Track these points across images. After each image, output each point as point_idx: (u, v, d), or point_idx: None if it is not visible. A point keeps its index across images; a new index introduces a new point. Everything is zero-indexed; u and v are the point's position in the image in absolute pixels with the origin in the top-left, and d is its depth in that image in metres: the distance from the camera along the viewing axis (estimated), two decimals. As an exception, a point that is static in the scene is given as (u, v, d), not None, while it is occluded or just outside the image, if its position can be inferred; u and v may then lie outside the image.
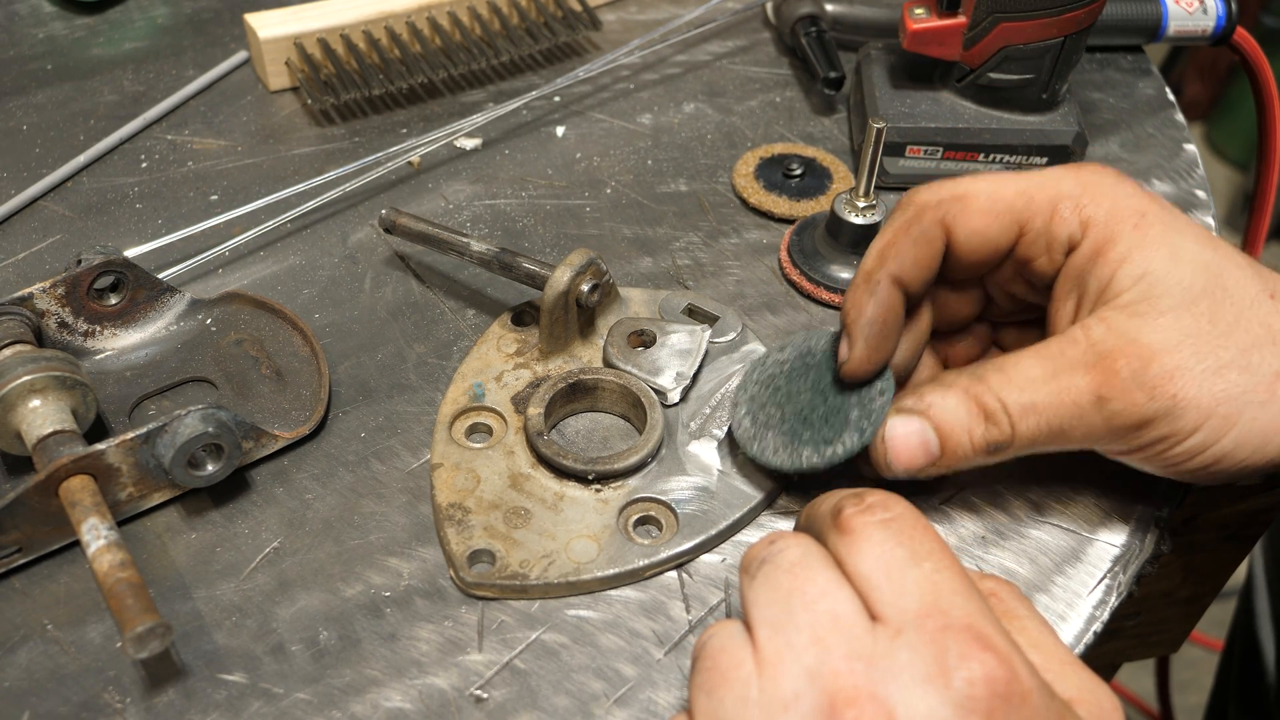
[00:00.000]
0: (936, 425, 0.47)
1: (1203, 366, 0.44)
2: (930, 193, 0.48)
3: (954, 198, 0.48)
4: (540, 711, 0.45)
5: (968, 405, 0.46)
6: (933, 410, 0.47)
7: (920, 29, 0.65)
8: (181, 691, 0.46)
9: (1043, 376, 0.46)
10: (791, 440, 0.50)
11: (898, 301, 0.48)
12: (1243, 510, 0.61)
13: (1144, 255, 0.46)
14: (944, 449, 0.47)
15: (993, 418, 0.46)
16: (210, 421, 0.49)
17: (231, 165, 0.70)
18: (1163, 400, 0.44)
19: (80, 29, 0.80)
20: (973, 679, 0.34)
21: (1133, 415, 0.45)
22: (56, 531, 0.49)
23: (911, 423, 0.47)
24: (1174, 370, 0.44)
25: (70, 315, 0.56)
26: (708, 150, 0.72)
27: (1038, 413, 0.45)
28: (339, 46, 0.74)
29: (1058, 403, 0.45)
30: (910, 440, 0.47)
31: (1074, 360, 0.45)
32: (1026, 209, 0.48)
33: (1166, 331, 0.45)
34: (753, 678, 0.37)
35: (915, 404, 0.47)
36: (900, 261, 0.47)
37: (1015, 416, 0.46)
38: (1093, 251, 0.47)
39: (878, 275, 0.47)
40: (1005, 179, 0.48)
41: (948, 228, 0.48)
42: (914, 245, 0.48)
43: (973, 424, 0.46)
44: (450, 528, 0.50)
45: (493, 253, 0.58)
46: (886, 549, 0.38)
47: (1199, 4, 0.75)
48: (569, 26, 0.77)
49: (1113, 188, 0.47)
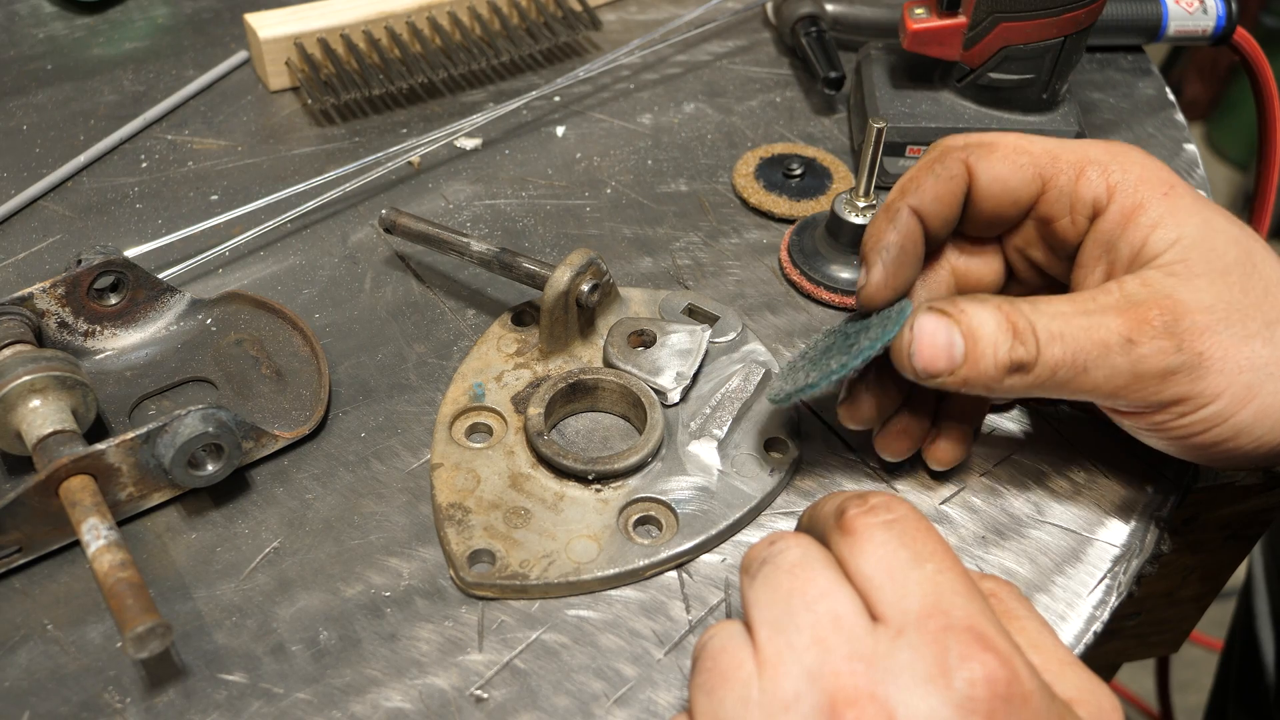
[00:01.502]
0: (965, 330, 0.46)
1: (1231, 332, 0.45)
2: (957, 138, 0.49)
3: (980, 143, 0.49)
4: (540, 711, 0.45)
5: (998, 319, 0.46)
6: (964, 315, 0.46)
7: (920, 29, 0.65)
8: (181, 691, 0.46)
9: (1074, 312, 0.45)
10: (819, 365, 0.49)
11: (917, 231, 0.49)
12: (1243, 510, 0.61)
13: (1177, 222, 0.46)
14: (968, 356, 0.45)
15: (1021, 336, 0.45)
16: (210, 421, 0.49)
17: (231, 165, 0.70)
18: (1189, 354, 0.44)
19: (80, 29, 0.80)
20: (974, 679, 0.34)
21: (1158, 362, 0.45)
22: (56, 531, 0.49)
23: (941, 321, 0.46)
24: (1204, 328, 0.44)
25: (70, 315, 0.56)
26: (708, 150, 0.72)
27: (1064, 342, 0.45)
28: (339, 46, 0.74)
29: (1086, 337, 0.45)
30: (937, 338, 0.46)
31: (1106, 305, 0.45)
32: (1052, 165, 0.48)
33: (1201, 293, 0.45)
34: (753, 678, 0.37)
35: (948, 306, 0.47)
36: (921, 194, 0.48)
37: (1042, 340, 0.45)
38: (1121, 216, 0.47)
39: (898, 204, 0.48)
40: (1033, 138, 0.49)
41: (971, 169, 0.49)
42: (936, 181, 0.48)
43: (1000, 337, 0.45)
44: (450, 528, 0.50)
45: (493, 253, 0.58)
46: (889, 550, 0.38)
47: (1199, 4, 0.75)
48: (569, 26, 0.77)
49: (1141, 159, 0.48)
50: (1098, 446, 0.55)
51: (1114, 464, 0.54)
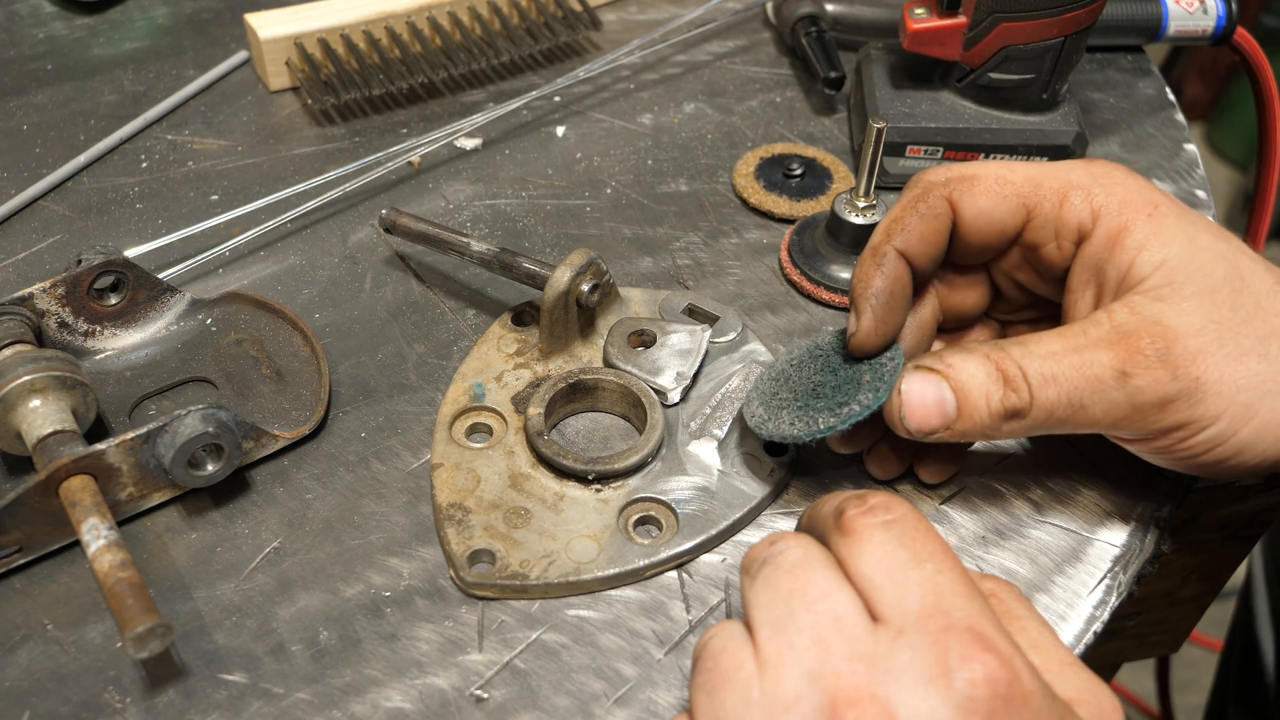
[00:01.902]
0: (955, 385, 0.46)
1: (1224, 352, 0.44)
2: (938, 172, 0.49)
3: (962, 178, 0.48)
4: (540, 711, 0.45)
5: (987, 368, 0.45)
6: (952, 370, 0.46)
7: (920, 29, 0.65)
8: (181, 691, 0.46)
9: (1064, 350, 0.45)
10: (806, 411, 0.49)
11: (905, 275, 0.48)
12: (1243, 510, 0.61)
13: (1161, 243, 0.46)
14: (960, 410, 0.46)
15: (1012, 383, 0.45)
16: (210, 421, 0.49)
17: (231, 165, 0.70)
18: (1185, 381, 0.44)
19: (80, 29, 0.80)
20: (974, 680, 0.34)
21: (1155, 392, 0.44)
22: (56, 531, 0.49)
23: (930, 380, 0.46)
24: (1197, 352, 0.44)
25: (70, 315, 0.56)
26: (708, 150, 0.72)
27: (1058, 384, 0.45)
28: (339, 46, 0.74)
29: (1079, 376, 0.45)
30: (926, 397, 0.46)
31: (1096, 338, 0.45)
32: (1035, 194, 0.48)
33: (1190, 316, 0.45)
34: (754, 678, 0.37)
35: (934, 363, 0.46)
36: (907, 236, 0.48)
37: (1035, 385, 0.45)
38: (1107, 240, 0.47)
39: (884, 248, 0.48)
40: (1014, 165, 0.49)
41: (954, 205, 0.48)
42: (921, 220, 0.48)
43: (991, 387, 0.45)
44: (450, 528, 0.50)
45: (493, 253, 0.58)
46: (888, 550, 0.38)
47: (1199, 4, 0.75)
48: (569, 26, 0.77)
49: (1124, 180, 0.48)
50: (1098, 447, 0.55)
51: (1114, 464, 0.54)
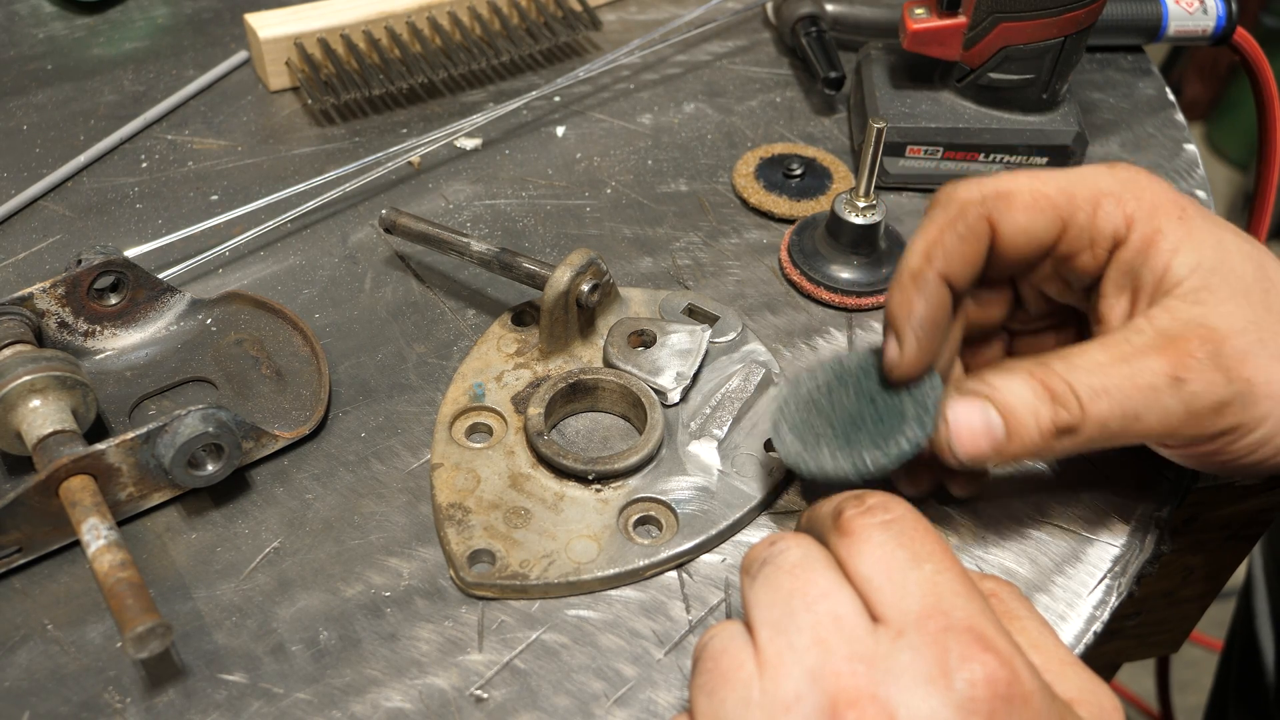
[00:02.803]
0: (1001, 407, 0.44)
1: (1268, 352, 0.44)
2: (972, 189, 0.47)
3: (998, 194, 0.47)
4: (540, 711, 0.45)
5: (1033, 386, 0.44)
6: (997, 393, 0.44)
7: (920, 29, 0.65)
8: (181, 691, 0.46)
9: (1111, 361, 0.44)
10: (849, 445, 0.47)
11: (947, 299, 0.47)
12: (1243, 510, 0.61)
13: (1194, 245, 0.45)
14: (1009, 432, 0.44)
15: (1061, 400, 0.44)
16: (210, 421, 0.49)
17: (231, 165, 0.70)
18: (1239, 383, 0.44)
19: (80, 29, 0.80)
20: (974, 680, 0.34)
21: (1211, 396, 0.43)
22: (56, 531, 0.49)
23: (974, 405, 0.44)
24: (1245, 352, 0.44)
25: (70, 315, 0.56)
26: (708, 150, 0.72)
27: (1110, 396, 0.43)
28: (339, 46, 0.74)
29: (1130, 385, 0.43)
30: (974, 423, 0.44)
31: (1142, 346, 0.44)
32: (1069, 205, 0.47)
33: (1231, 317, 0.44)
34: (754, 679, 0.37)
35: (977, 385, 0.45)
36: (948, 259, 0.46)
37: (1085, 399, 0.43)
38: (1142, 245, 0.46)
39: (927, 273, 0.46)
40: (1044, 175, 0.48)
41: (993, 224, 0.47)
42: (961, 242, 0.46)
43: (1039, 406, 0.44)
44: (450, 528, 0.50)
45: (493, 253, 0.58)
46: (887, 550, 0.38)
47: (1199, 4, 0.75)
48: (569, 26, 0.77)
49: (1150, 184, 0.47)
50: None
51: (1114, 464, 0.54)
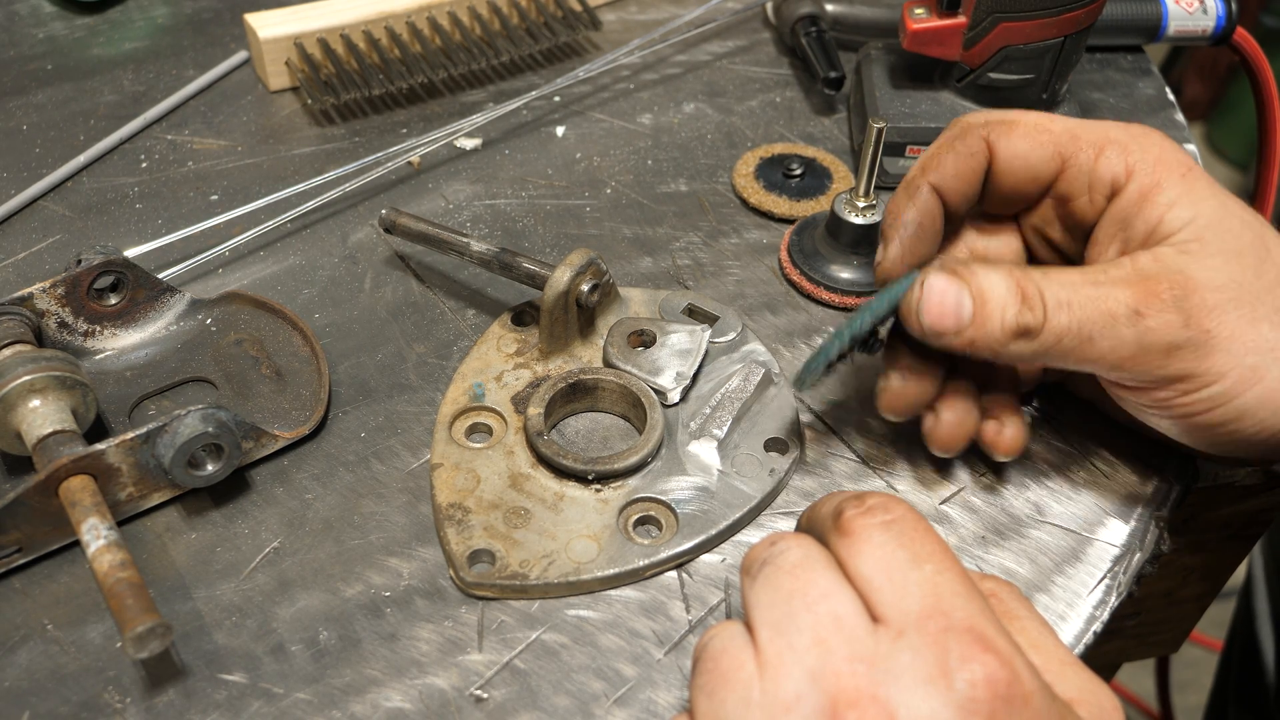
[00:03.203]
0: (975, 291, 0.46)
1: (1240, 313, 0.45)
2: (977, 115, 0.50)
3: (1001, 121, 0.49)
4: (540, 711, 0.45)
5: (1009, 283, 0.46)
6: (975, 277, 0.46)
7: (920, 29, 0.65)
8: (181, 691, 0.46)
9: (1083, 282, 0.46)
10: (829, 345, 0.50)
11: (936, 208, 0.49)
12: (1243, 510, 0.61)
13: (1193, 201, 0.46)
14: (975, 317, 0.46)
15: (1029, 301, 0.46)
16: (210, 421, 0.49)
17: (231, 165, 0.70)
18: (1196, 330, 0.45)
19: (80, 29, 0.80)
20: (974, 681, 0.34)
21: (1164, 336, 0.45)
22: (56, 531, 0.49)
23: (952, 282, 0.46)
24: (1213, 306, 0.45)
25: (70, 315, 0.56)
26: (708, 150, 0.72)
27: (1071, 310, 0.45)
28: (339, 46, 0.74)
29: (1093, 306, 0.45)
30: (946, 297, 0.46)
31: (1117, 276, 0.46)
32: (1072, 144, 0.48)
33: (1214, 272, 0.45)
34: (754, 679, 0.37)
35: (960, 267, 0.47)
36: (941, 171, 0.49)
37: (1050, 307, 0.45)
38: (1139, 195, 0.47)
39: (920, 182, 0.49)
40: (1054, 117, 0.50)
41: (991, 146, 0.49)
42: (957, 157, 0.49)
43: (1009, 301, 0.46)
44: (450, 528, 0.50)
45: (493, 253, 0.58)
46: (887, 551, 0.38)
47: (1199, 4, 0.75)
48: (569, 26, 0.77)
49: (1160, 141, 0.48)
50: (1098, 446, 0.55)
51: (1114, 464, 0.54)
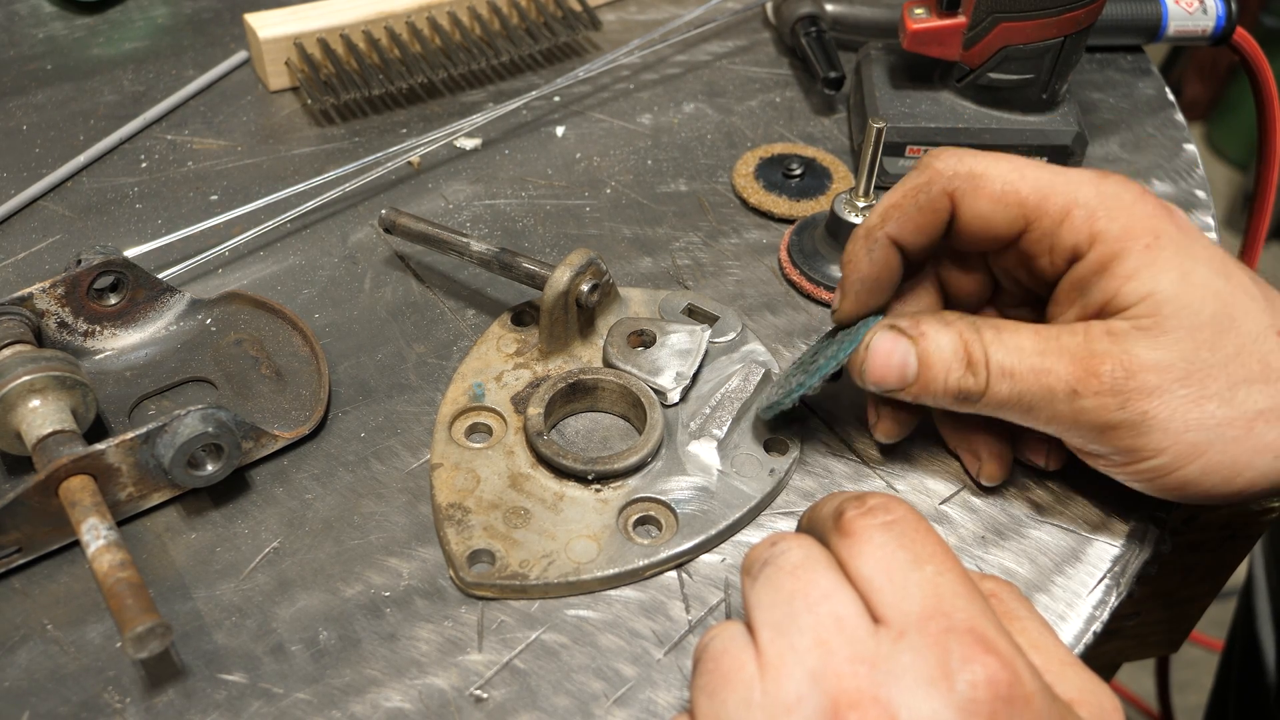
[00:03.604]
0: (921, 352, 0.47)
1: (1185, 393, 0.44)
2: (948, 161, 0.48)
3: (970, 174, 0.48)
4: (540, 711, 0.45)
5: (955, 347, 0.47)
6: (923, 339, 0.47)
7: (920, 29, 0.65)
8: (181, 691, 0.46)
9: (1031, 350, 0.46)
10: (786, 382, 0.53)
11: (894, 260, 0.50)
12: (1243, 510, 0.61)
13: (1152, 275, 0.45)
14: (919, 377, 0.47)
15: (974, 368, 0.47)
16: (210, 421, 0.49)
17: (231, 165, 0.70)
18: (1132, 412, 0.45)
19: (80, 29, 0.80)
20: (975, 682, 0.34)
21: (1098, 417, 0.45)
22: (56, 531, 0.49)
23: (900, 342, 0.48)
24: (1154, 389, 0.44)
25: (70, 315, 0.56)
26: (708, 150, 0.72)
27: (1013, 380, 0.46)
28: (339, 46, 0.74)
29: (1034, 380, 0.46)
30: (892, 356, 0.48)
31: (1065, 347, 0.46)
32: (1038, 208, 0.47)
33: (1162, 351, 0.45)
34: (755, 680, 0.37)
35: (909, 328, 0.48)
36: (901, 225, 0.49)
37: (993, 375, 0.46)
38: (1098, 265, 0.46)
39: (877, 234, 0.49)
40: (1026, 169, 0.48)
41: (955, 202, 0.48)
42: (918, 212, 0.48)
43: (954, 365, 0.47)
44: (450, 528, 0.50)
45: (493, 253, 0.58)
46: (888, 552, 0.38)
47: (1199, 4, 0.75)
48: (569, 26, 0.77)
49: (1131, 205, 0.46)
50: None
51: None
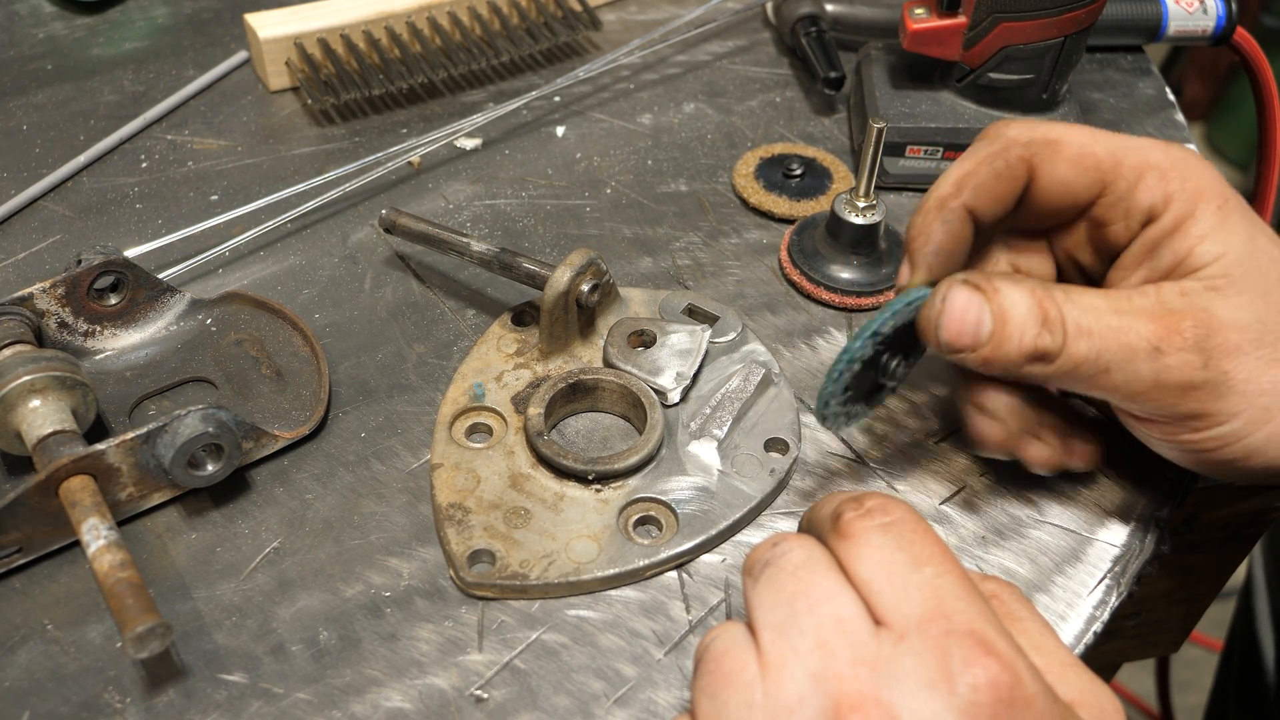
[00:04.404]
0: (996, 309, 0.45)
1: (1260, 354, 0.44)
2: (1020, 129, 0.47)
3: (1046, 140, 0.47)
4: (540, 711, 0.45)
5: (1031, 303, 0.45)
6: (998, 294, 0.45)
7: (920, 29, 0.65)
8: (181, 691, 0.46)
9: (1107, 309, 0.45)
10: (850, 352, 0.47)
11: (968, 232, 0.47)
12: (1243, 510, 0.61)
13: (1225, 236, 0.45)
14: (994, 336, 0.45)
15: (1050, 325, 0.44)
16: (210, 421, 0.49)
17: (231, 165, 0.70)
18: (1214, 371, 0.44)
19: (80, 29, 0.80)
20: (976, 684, 0.34)
21: (1181, 375, 0.44)
22: (56, 531, 0.49)
23: (974, 297, 0.45)
24: (1234, 348, 0.44)
25: (70, 315, 0.56)
26: (708, 150, 0.72)
27: (1091, 339, 0.44)
28: (339, 46, 0.74)
29: (1114, 338, 0.44)
30: (968, 312, 0.45)
31: (1141, 307, 0.45)
32: (1114, 170, 0.47)
33: (1239, 310, 0.44)
34: (757, 681, 0.37)
35: (982, 281, 0.46)
36: (978, 192, 0.47)
37: (1070, 333, 0.44)
38: (1172, 225, 0.46)
39: (953, 202, 0.47)
40: (1096, 134, 0.47)
41: (1033, 169, 0.47)
42: (996, 179, 0.47)
43: (1029, 322, 0.44)
44: (450, 528, 0.50)
45: (493, 253, 0.58)
46: (886, 554, 0.38)
47: (1199, 4, 0.75)
48: (569, 26, 0.77)
49: (1199, 168, 0.47)
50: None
51: (1115, 464, 0.54)
